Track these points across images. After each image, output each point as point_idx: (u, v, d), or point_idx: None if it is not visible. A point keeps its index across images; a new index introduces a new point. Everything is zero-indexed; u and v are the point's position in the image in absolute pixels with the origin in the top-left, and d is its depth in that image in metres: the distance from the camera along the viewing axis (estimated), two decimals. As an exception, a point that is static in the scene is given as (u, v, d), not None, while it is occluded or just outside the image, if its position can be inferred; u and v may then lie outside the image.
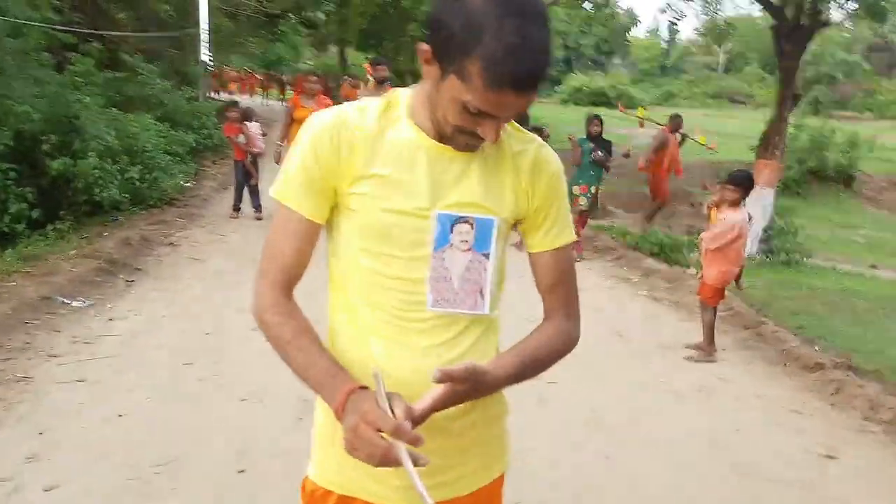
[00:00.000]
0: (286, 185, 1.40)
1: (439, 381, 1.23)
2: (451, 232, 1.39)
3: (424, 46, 1.28)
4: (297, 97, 9.11)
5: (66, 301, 5.60)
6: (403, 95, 1.43)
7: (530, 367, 1.41)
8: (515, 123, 1.49)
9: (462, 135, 1.32)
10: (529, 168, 1.43)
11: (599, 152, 8.62)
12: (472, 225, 1.39)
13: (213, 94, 25.96)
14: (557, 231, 1.48)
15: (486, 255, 1.42)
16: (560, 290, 1.51)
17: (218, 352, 4.83)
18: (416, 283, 1.39)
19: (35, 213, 8.09)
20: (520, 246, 1.68)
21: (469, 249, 1.41)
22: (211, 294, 6.16)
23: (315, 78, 9.28)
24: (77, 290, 5.89)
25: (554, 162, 1.48)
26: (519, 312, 2.30)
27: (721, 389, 4.94)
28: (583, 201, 8.63)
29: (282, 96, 28.42)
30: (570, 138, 9.40)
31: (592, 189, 8.68)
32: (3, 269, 6.19)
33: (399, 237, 1.37)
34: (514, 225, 1.48)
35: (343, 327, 1.46)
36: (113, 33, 13.87)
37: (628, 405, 4.53)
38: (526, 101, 1.25)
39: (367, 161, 1.37)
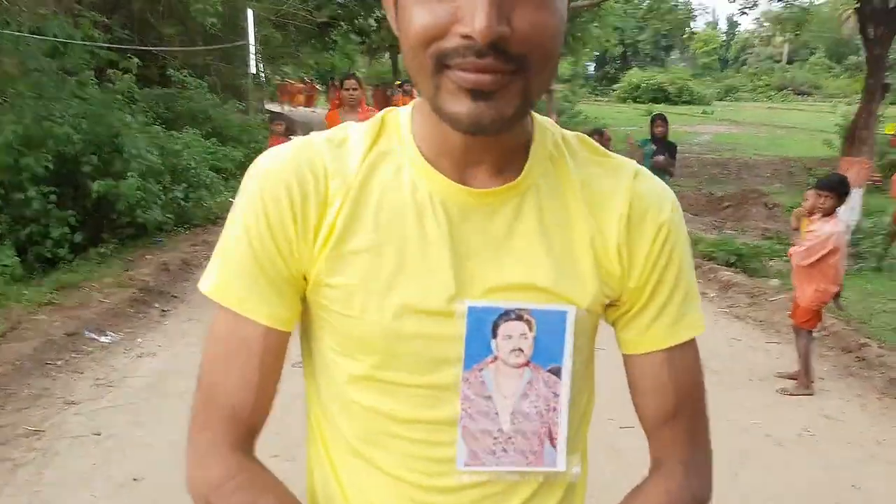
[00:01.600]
0: (225, 276, 0.84)
1: None
2: (495, 336, 0.81)
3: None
4: (334, 111, 6.83)
5: (94, 336, 5.23)
6: (402, 115, 0.86)
7: None
8: (591, 142, 0.90)
9: (450, 60, 0.70)
10: (623, 217, 0.84)
11: (661, 157, 7.92)
12: (529, 323, 0.81)
13: (283, 108, 26.12)
14: (676, 316, 0.87)
15: (557, 373, 0.83)
16: (682, 422, 0.90)
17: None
18: (439, 430, 0.82)
19: (78, 237, 7.85)
20: None
21: (526, 364, 0.82)
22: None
23: (354, 83, 6.34)
24: (108, 324, 5.52)
25: (666, 200, 0.88)
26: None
27: (828, 431, 4.22)
28: None
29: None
30: (629, 140, 8.74)
31: None
32: (33, 301, 5.87)
33: (406, 353, 0.80)
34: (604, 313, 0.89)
35: (328, 498, 0.89)
36: (160, 49, 13.73)
37: (719, 454, 3.86)
38: None
39: (349, 226, 0.80)
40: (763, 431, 4.19)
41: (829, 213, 4.77)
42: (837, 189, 4.79)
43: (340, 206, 0.81)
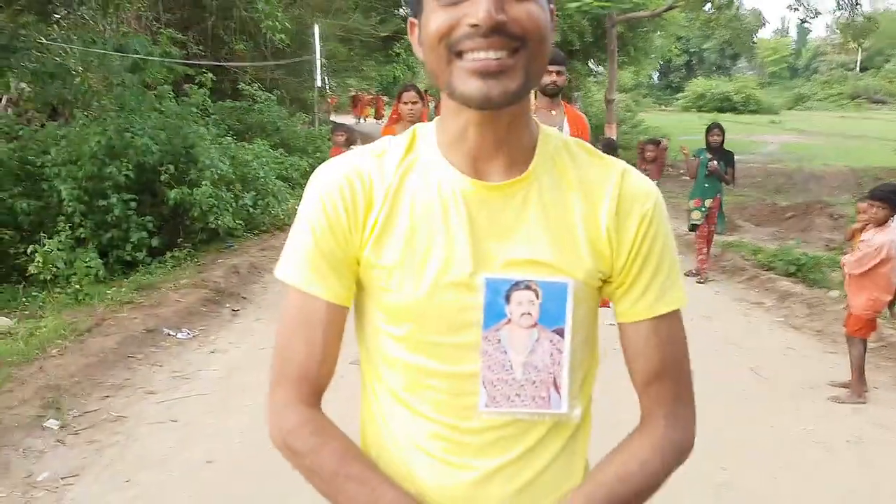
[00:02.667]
0: (295, 262, 1.06)
1: None
2: (508, 302, 1.01)
3: (410, 21, 1.03)
4: (391, 127, 5.68)
5: (171, 333, 5.59)
6: (428, 127, 1.08)
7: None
8: (588, 146, 1.10)
9: (461, 45, 0.92)
10: (613, 206, 1.03)
11: (714, 162, 7.93)
12: (536, 292, 1.01)
13: (357, 121, 26.75)
14: (660, 290, 1.05)
15: (561, 332, 1.03)
16: (667, 382, 1.07)
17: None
18: (464, 380, 1.02)
19: (155, 242, 8.32)
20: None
21: (534, 325, 1.02)
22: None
23: (413, 95, 5.48)
24: (183, 321, 5.89)
25: (648, 194, 1.06)
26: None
27: (879, 439, 4.24)
28: (696, 215, 7.99)
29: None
30: (682, 150, 8.77)
31: (707, 202, 7.98)
32: (116, 299, 6.30)
33: (436, 318, 1.01)
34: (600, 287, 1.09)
35: (376, 439, 1.11)
36: (232, 64, 14.32)
37: (768, 459, 3.94)
38: None
39: (390, 221, 1.02)
40: (813, 438, 4.23)
41: (881, 222, 4.78)
42: (890, 199, 4.79)
43: (382, 204, 1.03)
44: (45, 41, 7.58)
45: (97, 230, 8.10)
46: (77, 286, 6.90)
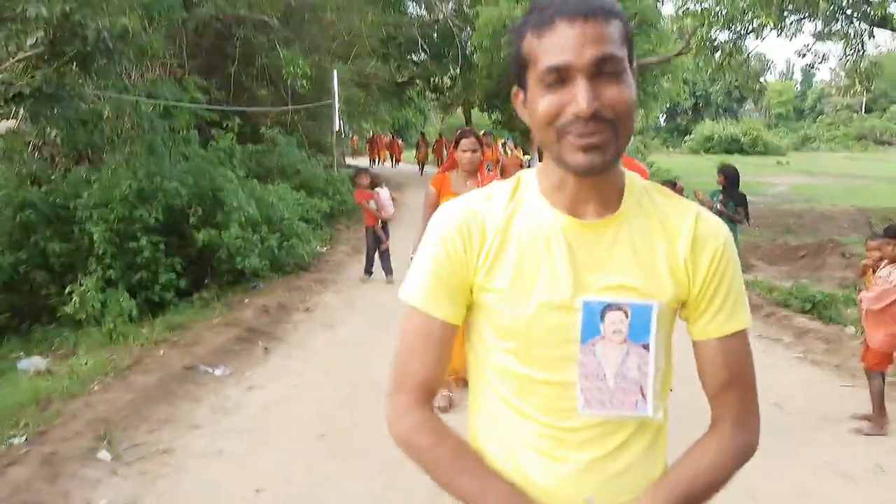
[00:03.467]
0: (417, 287, 1.27)
1: None
2: (602, 321, 1.21)
3: (514, 89, 1.25)
4: (446, 175, 5.06)
5: (208, 370, 5.77)
6: (530, 174, 1.30)
7: (699, 498, 1.22)
8: (665, 189, 1.32)
9: (567, 129, 1.13)
10: (689, 242, 1.24)
11: (719, 205, 8.11)
12: (626, 312, 1.21)
13: (372, 164, 27.14)
14: (729, 313, 1.26)
15: (646, 347, 1.23)
16: (734, 391, 1.27)
17: (349, 425, 4.78)
18: (565, 387, 1.22)
19: (183, 283, 8.55)
20: None
21: (624, 341, 1.22)
22: (342, 362, 6.18)
23: (473, 143, 4.93)
24: (218, 359, 6.06)
25: (719, 232, 1.26)
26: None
27: (899, 469, 4.37)
28: None
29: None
30: (696, 193, 8.98)
31: None
32: (152, 338, 6.49)
33: (541, 335, 1.21)
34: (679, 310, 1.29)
35: (486, 437, 1.30)
36: (253, 109, 14.71)
37: (791, 489, 4.08)
38: (588, 32, 1.10)
39: (500, 252, 1.23)
40: (834, 469, 4.36)
41: (896, 259, 4.96)
42: (904, 236, 4.98)
43: (493, 238, 1.24)
44: (85, 90, 7.89)
45: (127, 271, 8.33)
46: (111, 326, 7.11)
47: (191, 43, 13.62)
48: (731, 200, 8.21)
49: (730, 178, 8.41)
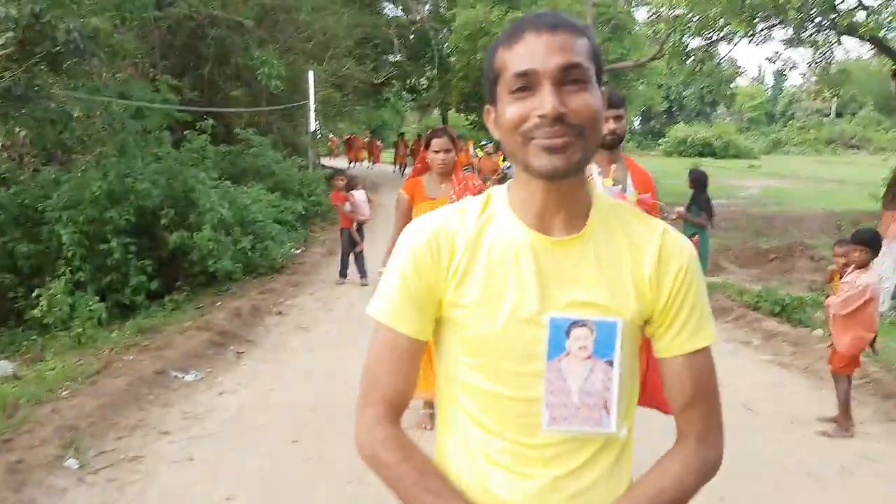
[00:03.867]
0: (385, 302, 1.28)
1: None
2: (568, 338, 1.22)
3: (486, 108, 1.30)
4: (418, 180, 4.63)
5: (179, 375, 5.71)
6: (501, 189, 1.32)
7: None
8: (633, 208, 1.33)
9: (532, 133, 1.16)
10: (654, 259, 1.25)
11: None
12: (591, 329, 1.22)
13: (349, 165, 26.92)
14: (693, 330, 1.26)
15: (611, 363, 1.24)
16: (699, 407, 1.28)
17: (323, 429, 4.75)
18: (531, 403, 1.23)
19: (154, 285, 8.46)
20: None
21: (589, 357, 1.23)
22: (316, 365, 6.15)
23: (445, 142, 4.50)
24: (190, 363, 6.01)
25: (684, 250, 1.28)
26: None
27: (865, 470, 4.44)
28: None
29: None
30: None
31: None
32: (121, 342, 6.42)
33: (508, 350, 1.22)
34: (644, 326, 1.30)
35: (453, 452, 1.30)
36: (227, 110, 14.60)
37: (761, 490, 4.13)
38: (555, 41, 1.16)
39: (470, 267, 1.24)
40: (803, 470, 4.43)
41: (864, 265, 5.05)
42: (870, 243, 5.08)
43: (463, 253, 1.25)
44: (55, 91, 7.78)
45: (96, 273, 8.23)
46: (79, 329, 7.01)
47: (163, 43, 13.51)
48: (696, 205, 8.31)
49: (696, 183, 8.52)
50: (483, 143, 17.68)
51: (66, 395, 5.09)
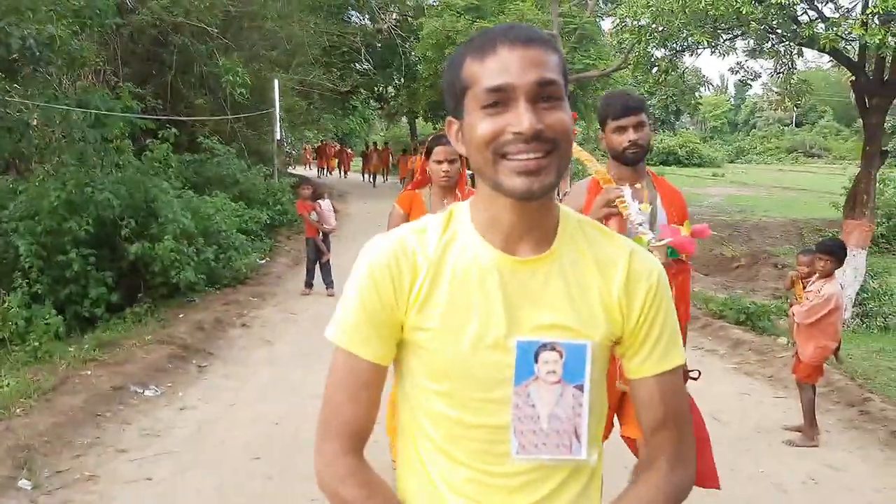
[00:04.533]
0: (344, 326, 1.21)
1: None
2: (536, 362, 1.16)
3: (448, 119, 1.22)
4: (416, 194, 4.04)
5: (138, 390, 5.57)
6: (464, 208, 1.25)
7: None
8: (600, 225, 1.29)
9: (505, 150, 1.11)
10: (623, 279, 1.21)
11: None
12: (560, 352, 1.17)
13: (320, 175, 26.50)
14: (663, 351, 1.23)
15: (581, 388, 1.18)
16: (671, 429, 1.24)
17: (287, 445, 4.65)
18: (498, 431, 1.17)
19: (114, 297, 8.25)
20: None
21: (559, 382, 1.18)
22: (280, 379, 6.04)
23: (451, 152, 3.75)
24: (150, 378, 5.86)
25: (653, 270, 1.24)
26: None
27: (830, 479, 4.47)
28: None
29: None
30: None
31: None
32: (79, 357, 6.23)
33: (474, 375, 1.16)
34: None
35: (416, 486, 1.24)
36: (190, 118, 14.39)
37: (726, 499, 4.11)
38: (529, 56, 1.11)
39: (433, 289, 1.17)
40: (769, 480, 4.44)
41: (828, 274, 5.09)
42: (836, 252, 5.13)
43: (426, 275, 1.19)
44: (10, 98, 7.57)
45: (54, 286, 8.00)
46: (36, 344, 6.80)
47: (125, 50, 13.26)
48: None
49: None
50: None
51: (19, 413, 4.91)
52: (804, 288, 5.28)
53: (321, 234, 9.51)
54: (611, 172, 2.91)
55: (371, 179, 28.41)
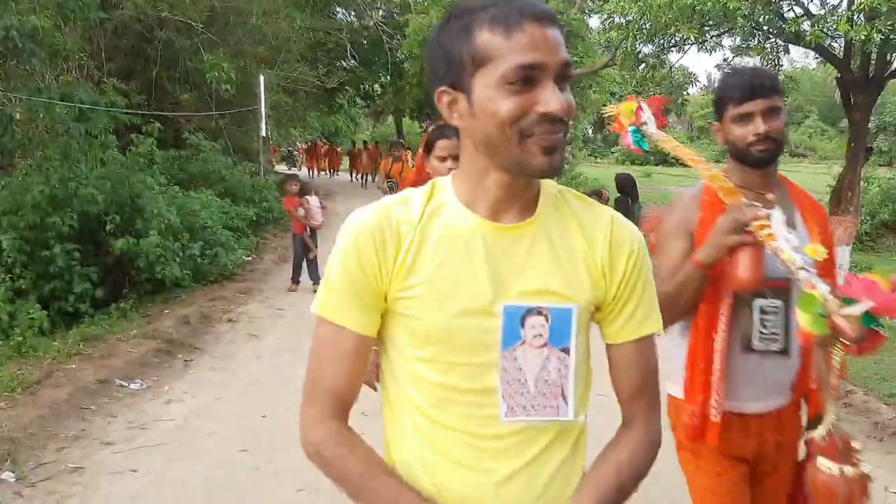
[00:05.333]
0: (328, 297, 1.20)
1: None
2: (523, 326, 1.16)
3: (441, 89, 1.16)
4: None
5: (123, 384, 5.52)
6: (446, 180, 1.25)
7: (621, 496, 1.21)
8: (579, 194, 1.29)
9: (532, 130, 1.09)
10: (606, 246, 1.21)
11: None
12: (546, 316, 1.17)
13: (311, 175, 26.03)
14: (642, 316, 1.24)
15: (566, 351, 1.19)
16: (645, 392, 1.27)
17: (274, 437, 4.63)
18: (486, 394, 1.17)
19: (99, 293, 8.19)
20: None
21: (545, 345, 1.18)
22: (267, 373, 6.01)
23: (453, 144, 3.04)
24: (135, 372, 5.82)
25: (634, 237, 1.25)
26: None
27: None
28: None
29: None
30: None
31: None
32: (64, 351, 6.19)
33: (462, 341, 1.15)
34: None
35: (406, 454, 1.23)
36: (175, 114, 14.31)
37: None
38: (555, 35, 1.09)
39: (417, 257, 1.17)
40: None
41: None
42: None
43: (410, 243, 1.18)
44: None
45: (38, 281, 7.94)
46: (20, 338, 6.74)
47: (109, 45, 13.14)
48: (618, 209, 8.51)
49: (619, 186, 8.71)
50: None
51: (3, 406, 4.87)
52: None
53: (308, 230, 9.48)
54: (731, 178, 2.09)
55: (361, 179, 27.88)
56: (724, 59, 12.84)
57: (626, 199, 8.69)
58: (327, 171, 31.69)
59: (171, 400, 5.33)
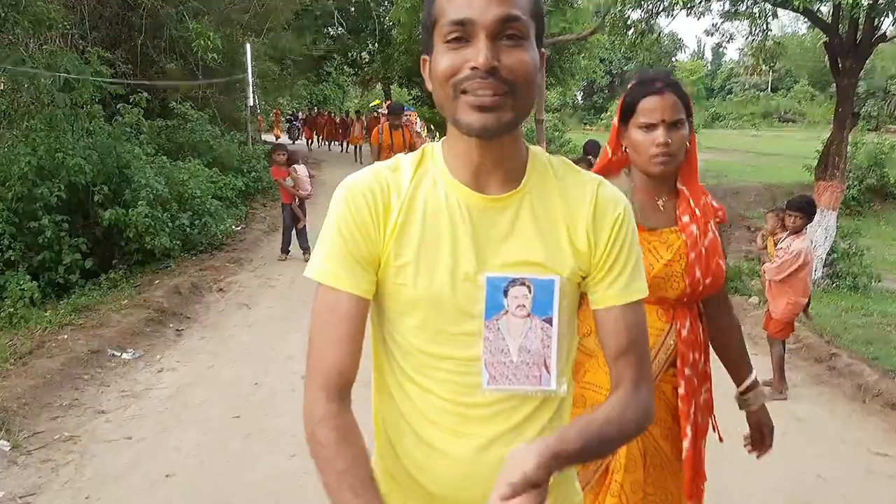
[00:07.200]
0: (324, 261, 1.20)
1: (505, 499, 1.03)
2: (506, 296, 1.20)
3: (423, 58, 1.21)
4: None
5: (116, 353, 5.56)
6: (436, 148, 1.27)
7: (596, 448, 1.19)
8: (568, 161, 1.31)
9: (464, 86, 1.11)
10: (590, 213, 1.23)
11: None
12: (529, 287, 1.20)
13: (309, 146, 24.84)
14: (627, 281, 1.25)
15: (549, 321, 1.22)
16: (633, 356, 1.26)
17: (266, 403, 4.70)
18: (469, 362, 1.20)
19: (88, 264, 8.18)
20: None
21: (528, 315, 1.21)
22: (258, 341, 6.06)
23: None
24: (127, 342, 5.86)
25: (619, 203, 1.26)
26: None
27: (797, 431, 4.60)
28: None
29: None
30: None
31: None
32: (55, 321, 6.21)
33: (446, 310, 1.19)
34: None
35: (393, 416, 1.27)
36: (162, 83, 14.16)
37: (709, 453, 4.23)
38: None
39: (405, 226, 1.19)
40: (738, 431, 4.55)
41: (798, 231, 5.19)
42: (806, 209, 5.21)
43: (399, 210, 1.21)
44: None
45: (27, 252, 7.93)
46: (11, 310, 6.75)
47: (93, 13, 12.95)
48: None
49: (585, 151, 8.72)
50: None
51: (-4, 377, 4.90)
52: (776, 245, 5.39)
53: (297, 200, 9.47)
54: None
55: (355, 151, 26.33)
56: (713, 24, 12.79)
57: (588, 161, 8.70)
58: (341, 145, 29.02)
59: (163, 369, 5.38)
